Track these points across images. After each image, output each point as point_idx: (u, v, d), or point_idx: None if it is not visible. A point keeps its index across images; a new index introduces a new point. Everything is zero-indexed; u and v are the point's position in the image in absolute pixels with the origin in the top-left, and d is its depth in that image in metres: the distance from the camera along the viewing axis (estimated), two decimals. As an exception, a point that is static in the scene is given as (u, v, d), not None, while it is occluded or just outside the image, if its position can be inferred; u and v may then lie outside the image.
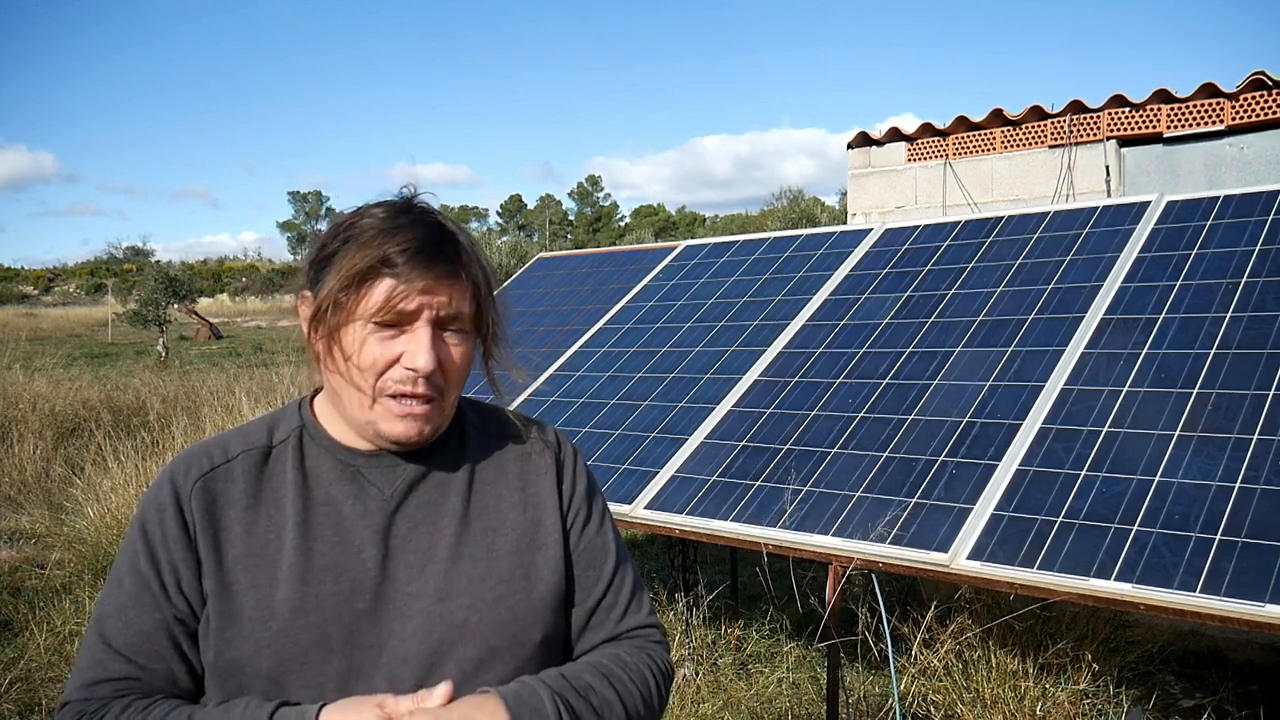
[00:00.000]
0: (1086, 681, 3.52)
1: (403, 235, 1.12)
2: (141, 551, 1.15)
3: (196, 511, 1.15)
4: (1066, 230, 3.59)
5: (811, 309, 3.92)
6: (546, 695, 1.11)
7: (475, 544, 1.20)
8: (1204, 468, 2.45)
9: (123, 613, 1.14)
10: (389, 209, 1.16)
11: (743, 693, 3.90)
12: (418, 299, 1.12)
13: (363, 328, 1.12)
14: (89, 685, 1.12)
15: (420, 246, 1.12)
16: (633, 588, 1.31)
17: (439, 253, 1.13)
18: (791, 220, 25.21)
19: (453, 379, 1.18)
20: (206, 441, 1.23)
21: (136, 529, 1.17)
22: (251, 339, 26.71)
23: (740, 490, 3.14)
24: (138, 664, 1.12)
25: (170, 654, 1.14)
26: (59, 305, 44.46)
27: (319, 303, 1.13)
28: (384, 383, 1.13)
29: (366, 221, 1.14)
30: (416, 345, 1.13)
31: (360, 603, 1.13)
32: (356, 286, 1.11)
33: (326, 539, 1.15)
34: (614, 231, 66.43)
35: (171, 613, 1.13)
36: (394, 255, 1.11)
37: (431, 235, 1.14)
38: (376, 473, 1.19)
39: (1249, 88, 4.80)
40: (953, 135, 5.88)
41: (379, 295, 1.11)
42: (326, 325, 1.13)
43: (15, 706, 3.84)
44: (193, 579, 1.14)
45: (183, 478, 1.17)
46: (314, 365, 1.20)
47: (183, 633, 1.14)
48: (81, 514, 6.04)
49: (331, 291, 1.12)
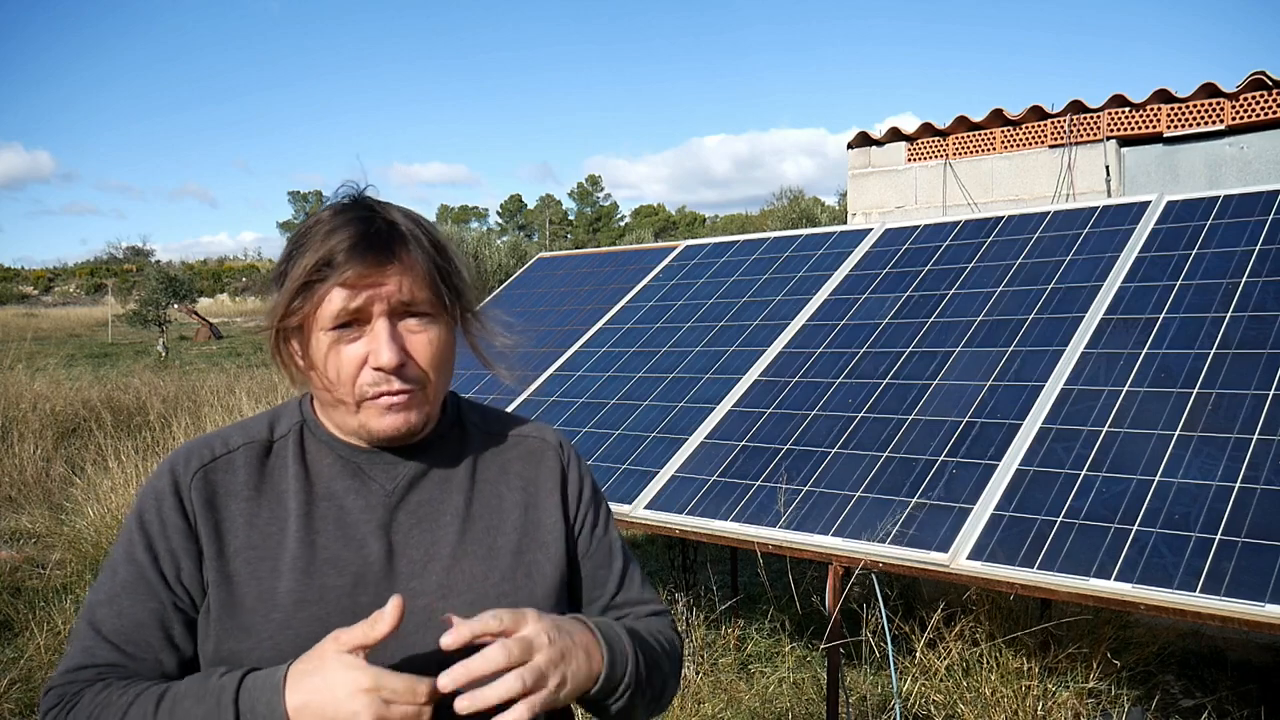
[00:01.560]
0: (1089, 681, 3.52)
1: (341, 234, 1.10)
2: (138, 541, 1.14)
3: (196, 502, 1.14)
4: (1066, 230, 3.59)
5: (811, 309, 3.92)
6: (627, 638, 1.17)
7: (477, 542, 1.20)
8: (1204, 468, 2.45)
9: (115, 601, 1.13)
10: (334, 209, 1.15)
11: (743, 693, 3.90)
12: (365, 294, 1.10)
13: (324, 337, 1.11)
14: (73, 670, 1.11)
15: (356, 241, 1.10)
16: (641, 583, 1.35)
17: (376, 242, 1.11)
18: (791, 220, 25.17)
19: (429, 365, 1.15)
20: (207, 435, 1.22)
21: (134, 519, 1.16)
22: (251, 339, 26.61)
23: (740, 490, 3.14)
24: (126, 652, 1.12)
25: (160, 644, 1.13)
26: (59, 305, 44.42)
27: (277, 321, 1.12)
28: (360, 387, 1.12)
29: (315, 227, 1.13)
30: (377, 342, 1.11)
31: (363, 596, 1.13)
32: (307, 295, 1.10)
33: (329, 532, 1.15)
34: (614, 231, 66.40)
35: (171, 601, 1.13)
36: (335, 254, 1.09)
37: (367, 228, 1.12)
38: (378, 468, 1.19)
39: (1249, 88, 4.80)
40: (953, 135, 5.88)
41: (327, 300, 1.09)
42: (292, 341, 1.14)
43: (15, 706, 3.84)
44: (193, 568, 1.13)
45: (183, 468, 1.16)
46: (297, 377, 1.19)
47: (179, 622, 1.13)
48: (82, 514, 6.04)
49: (284, 306, 1.11)
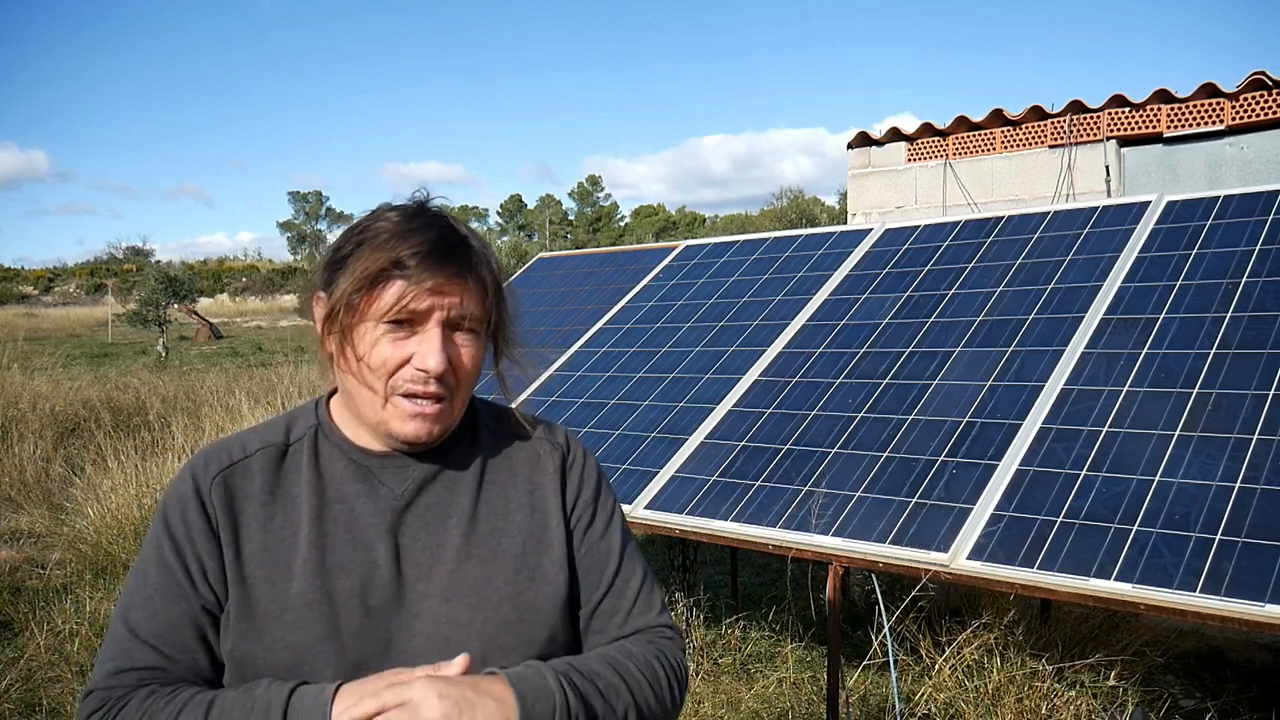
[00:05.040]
0: (1096, 682, 3.52)
1: (415, 238, 1.15)
2: (166, 544, 1.17)
3: (217, 505, 1.18)
4: (1066, 230, 3.59)
5: (811, 309, 3.92)
6: (550, 675, 1.12)
7: (482, 544, 1.21)
8: (1204, 468, 2.45)
9: (149, 603, 1.16)
10: (403, 213, 1.19)
11: (743, 693, 3.90)
12: (429, 299, 1.14)
13: (375, 328, 1.15)
14: (115, 674, 1.14)
15: (432, 249, 1.15)
16: (639, 589, 1.30)
17: (450, 255, 1.16)
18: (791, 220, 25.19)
19: (463, 379, 1.20)
20: (226, 439, 1.26)
21: (159, 523, 1.20)
22: (251, 339, 26.69)
23: (740, 490, 3.14)
24: (163, 653, 1.15)
25: (195, 644, 1.16)
26: (59, 305, 44.46)
27: (333, 303, 1.16)
28: (395, 381, 1.16)
29: (380, 225, 1.17)
30: (427, 346, 1.15)
31: (371, 599, 1.15)
32: (369, 288, 1.14)
33: (339, 535, 1.18)
34: (614, 231, 66.40)
35: (199, 603, 1.16)
36: (406, 258, 1.13)
37: (443, 237, 1.17)
38: (388, 472, 1.22)
39: (1249, 88, 4.80)
40: (953, 135, 5.88)
41: (391, 296, 1.14)
42: (340, 325, 1.16)
43: (15, 706, 3.84)
44: (218, 570, 1.16)
45: (203, 472, 1.20)
46: (327, 366, 1.23)
47: (209, 623, 1.17)
48: (81, 514, 6.04)
49: (345, 292, 1.14)
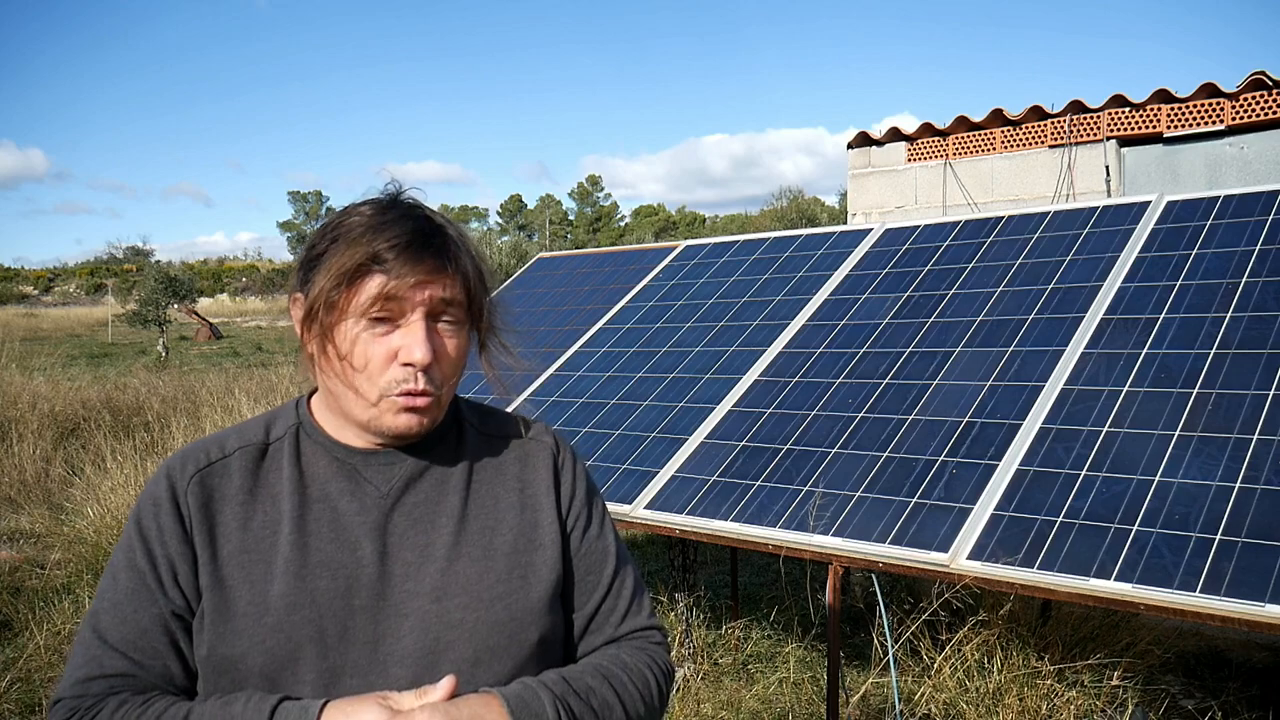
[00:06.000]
0: (1091, 681, 3.52)
1: (392, 230, 1.13)
2: (138, 547, 1.14)
3: (192, 506, 1.15)
4: (1066, 230, 3.59)
5: (811, 309, 3.92)
6: (547, 698, 1.11)
7: (473, 543, 1.19)
8: (1204, 468, 2.45)
9: (118, 609, 1.13)
10: (375, 206, 1.17)
11: (743, 693, 3.90)
12: (409, 292, 1.12)
13: (355, 325, 1.13)
14: (83, 682, 1.11)
15: (410, 241, 1.13)
16: (633, 590, 1.30)
17: (429, 245, 1.14)
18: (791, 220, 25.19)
19: (448, 370, 1.18)
20: (204, 439, 1.23)
21: (132, 525, 1.17)
22: (251, 339, 26.68)
23: (740, 490, 3.14)
24: (133, 660, 1.12)
25: (166, 650, 1.13)
26: (59, 305, 44.43)
27: (310, 303, 1.14)
28: (386, 384, 1.14)
29: (354, 220, 1.15)
30: (412, 338, 1.13)
31: (356, 599, 1.13)
32: (348, 284, 1.11)
33: (323, 535, 1.15)
34: (614, 231, 66.37)
35: (169, 608, 1.13)
36: (384, 251, 1.11)
37: (420, 229, 1.15)
38: (373, 470, 1.19)
39: (1249, 88, 4.80)
40: (953, 135, 5.88)
41: (370, 291, 1.11)
42: (320, 325, 1.14)
43: (15, 706, 3.84)
44: (189, 573, 1.13)
45: (179, 473, 1.17)
46: (309, 366, 1.20)
47: (179, 628, 1.14)
48: (81, 514, 6.04)
49: (323, 290, 1.12)
